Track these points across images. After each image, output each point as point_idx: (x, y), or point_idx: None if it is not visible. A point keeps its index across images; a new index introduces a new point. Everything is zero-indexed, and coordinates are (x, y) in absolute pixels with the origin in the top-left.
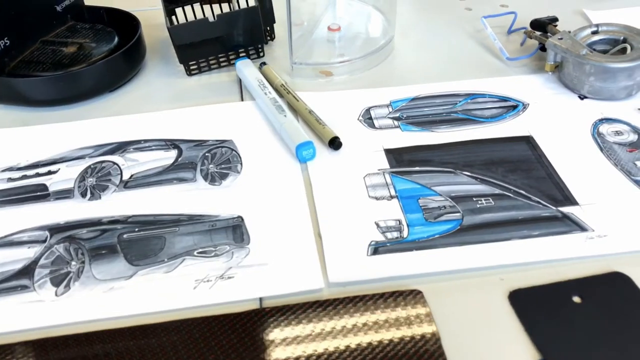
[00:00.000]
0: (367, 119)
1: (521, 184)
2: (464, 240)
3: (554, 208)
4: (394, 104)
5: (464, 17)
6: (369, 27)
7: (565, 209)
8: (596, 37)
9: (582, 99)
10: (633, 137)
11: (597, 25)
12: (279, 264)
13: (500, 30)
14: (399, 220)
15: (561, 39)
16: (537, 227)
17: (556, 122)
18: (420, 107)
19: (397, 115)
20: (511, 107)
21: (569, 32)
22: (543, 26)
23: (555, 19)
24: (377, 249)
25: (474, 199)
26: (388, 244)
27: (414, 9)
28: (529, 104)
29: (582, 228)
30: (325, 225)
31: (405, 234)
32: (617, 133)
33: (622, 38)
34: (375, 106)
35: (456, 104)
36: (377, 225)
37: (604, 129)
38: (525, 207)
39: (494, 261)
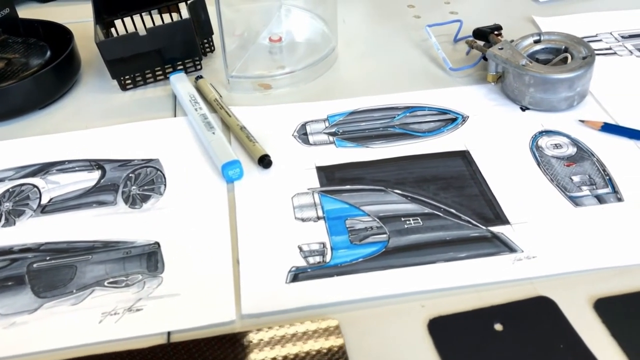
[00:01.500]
0: (302, 134)
1: (452, 202)
2: (387, 264)
3: (483, 228)
4: (331, 119)
5: (411, 25)
6: (312, 37)
7: (496, 229)
8: (538, 47)
9: (523, 110)
10: (572, 150)
11: (539, 34)
12: (192, 294)
13: (448, 38)
14: (323, 244)
15: (501, 48)
16: (464, 249)
17: (495, 135)
18: (357, 122)
19: (333, 130)
20: (450, 120)
21: (511, 41)
22: (485, 35)
23: (499, 28)
24: (296, 275)
25: (403, 219)
26: (309, 270)
27: (361, 16)
28: (468, 117)
29: (511, 249)
30: (244, 250)
31: (328, 258)
32: (556, 146)
33: (563, 47)
34: (312, 121)
35: (394, 117)
36: (300, 249)
37: (543, 142)
38: (454, 227)
39: (416, 287)
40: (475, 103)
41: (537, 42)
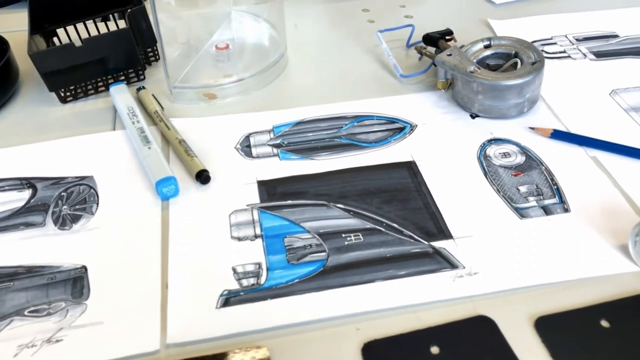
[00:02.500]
0: (246, 146)
1: (395, 216)
2: (324, 285)
3: (425, 243)
4: (276, 129)
5: (365, 30)
6: (260, 43)
7: (438, 244)
8: (488, 52)
9: (473, 117)
10: (520, 159)
11: (489, 39)
12: (116, 322)
13: (401, 44)
14: (259, 264)
15: (450, 55)
16: (404, 266)
17: (442, 144)
18: (303, 132)
19: (278, 141)
20: (398, 129)
21: (461, 47)
22: (434, 41)
23: (449, 32)
24: (228, 299)
25: (343, 235)
26: (242, 293)
27: (314, 21)
28: (416, 126)
29: (452, 265)
30: (174, 273)
31: (262, 280)
32: (505, 155)
33: (513, 52)
34: (257, 132)
35: (342, 127)
36: (234, 271)
37: (491, 150)
38: (395, 243)
39: (351, 309)
40: (425, 111)
41: (487, 47)
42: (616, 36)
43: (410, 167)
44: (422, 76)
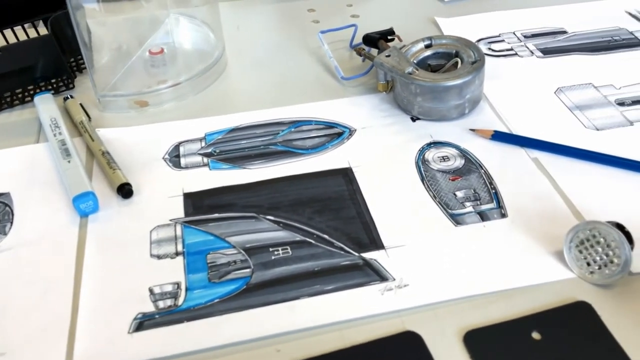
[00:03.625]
0: (174, 156)
1: (327, 226)
2: (246, 304)
3: (356, 255)
4: (208, 137)
5: (309, 30)
6: (196, 47)
7: (369, 255)
8: (429, 52)
9: (414, 120)
10: (459, 162)
11: (429, 39)
12: (20, 352)
13: (346, 44)
14: (178, 284)
15: (388, 56)
16: (332, 280)
17: (381, 149)
18: (237, 140)
19: (209, 150)
20: (336, 134)
21: (401, 47)
22: (374, 41)
23: (391, 32)
24: (142, 323)
25: (271, 250)
26: (157, 316)
27: (257, 22)
28: (355, 130)
29: (382, 277)
30: (86, 296)
31: (180, 300)
32: (444, 159)
33: (454, 52)
34: (188, 141)
35: (278, 133)
36: (151, 292)
37: (430, 154)
38: (324, 256)
39: (273, 329)
40: (365, 114)
41: (428, 47)
42: (564, 32)
43: (346, 174)
44: (364, 78)
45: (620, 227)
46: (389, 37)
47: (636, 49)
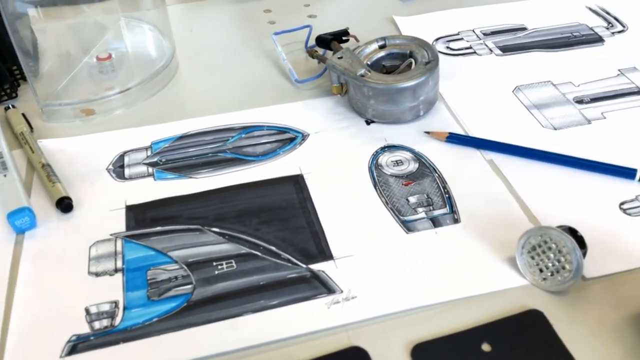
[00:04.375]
0: (118, 167)
1: (274, 237)
2: (186, 322)
3: (303, 266)
4: (155, 146)
5: (265, 32)
6: (146, 51)
7: (317, 266)
8: (383, 53)
9: (368, 123)
10: (413, 166)
11: (383, 39)
12: None
13: (302, 46)
14: (116, 303)
15: (341, 57)
16: (278, 294)
17: (334, 154)
18: (185, 148)
19: (155, 159)
20: (288, 139)
21: (354, 48)
22: (327, 43)
23: (345, 33)
24: (76, 345)
25: (214, 264)
26: (92, 338)
27: (212, 24)
28: (308, 135)
29: (329, 290)
30: (17, 318)
31: (117, 320)
32: (397, 163)
33: (408, 52)
34: (133, 150)
35: (228, 140)
36: (87, 312)
37: (384, 159)
38: (270, 269)
39: (213, 349)
40: (320, 118)
41: (382, 47)
42: (525, 29)
43: (297, 181)
44: (319, 81)
45: (573, 231)
46: (344, 38)
47: (596, 45)
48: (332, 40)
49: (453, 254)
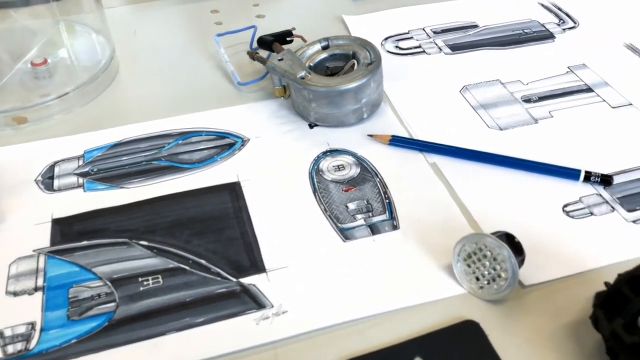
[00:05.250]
0: (48, 178)
1: (205, 250)
2: (107, 343)
3: (233, 280)
4: (87, 155)
5: (211, 33)
6: (84, 56)
7: (248, 280)
8: (326, 54)
9: (311, 127)
10: (355, 171)
11: (326, 39)
12: None
13: (247, 47)
14: (32, 324)
15: (281, 59)
16: (205, 311)
17: (274, 160)
18: (119, 156)
19: (86, 169)
20: (227, 145)
21: (296, 50)
22: (269, 44)
23: (289, 33)
24: None
25: (140, 279)
26: None
27: (157, 26)
28: (248, 140)
29: (260, 305)
30: None
31: (33, 343)
32: (339, 168)
33: (351, 53)
34: (64, 160)
35: (163, 147)
36: (1, 335)
37: (325, 164)
38: (199, 284)
39: None
40: (262, 122)
41: (325, 48)
42: (476, 26)
43: (233, 190)
44: (263, 83)
45: (510, 238)
46: (288, 39)
47: (546, 42)
48: (274, 42)
49: (390, 262)
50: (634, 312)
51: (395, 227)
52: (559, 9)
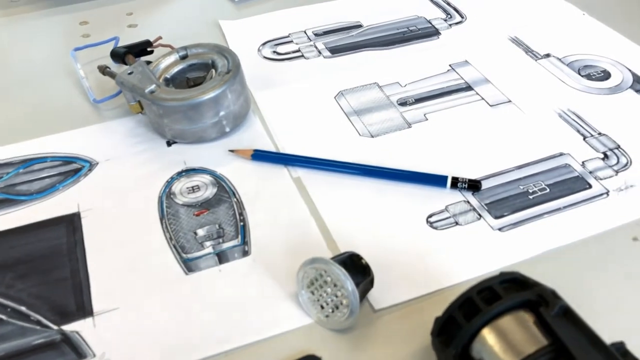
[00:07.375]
0: None
1: (28, 295)
2: None
3: (54, 328)
4: None
5: (75, 46)
6: None
7: (71, 326)
8: (185, 64)
9: (169, 145)
10: (211, 191)
11: (185, 49)
12: None
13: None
14: None
15: (131, 73)
16: None
17: (123, 184)
18: None
19: None
20: (74, 171)
21: (148, 62)
22: (121, 56)
23: (147, 43)
24: None
25: None
26: None
27: (16, 39)
28: (97, 163)
29: (81, 355)
30: None
31: None
32: (194, 189)
33: (210, 61)
34: None
35: (1, 178)
36: None
37: (178, 186)
38: (15, 335)
39: None
40: (115, 142)
41: (184, 58)
42: (360, 26)
43: (70, 222)
44: (121, 99)
45: (355, 258)
46: (148, 50)
47: (431, 39)
48: (127, 54)
49: (235, 294)
50: (465, 341)
51: (245, 253)
52: (447, 4)
